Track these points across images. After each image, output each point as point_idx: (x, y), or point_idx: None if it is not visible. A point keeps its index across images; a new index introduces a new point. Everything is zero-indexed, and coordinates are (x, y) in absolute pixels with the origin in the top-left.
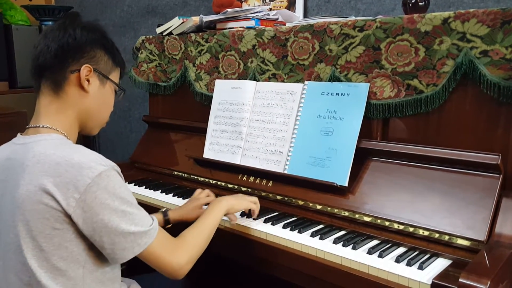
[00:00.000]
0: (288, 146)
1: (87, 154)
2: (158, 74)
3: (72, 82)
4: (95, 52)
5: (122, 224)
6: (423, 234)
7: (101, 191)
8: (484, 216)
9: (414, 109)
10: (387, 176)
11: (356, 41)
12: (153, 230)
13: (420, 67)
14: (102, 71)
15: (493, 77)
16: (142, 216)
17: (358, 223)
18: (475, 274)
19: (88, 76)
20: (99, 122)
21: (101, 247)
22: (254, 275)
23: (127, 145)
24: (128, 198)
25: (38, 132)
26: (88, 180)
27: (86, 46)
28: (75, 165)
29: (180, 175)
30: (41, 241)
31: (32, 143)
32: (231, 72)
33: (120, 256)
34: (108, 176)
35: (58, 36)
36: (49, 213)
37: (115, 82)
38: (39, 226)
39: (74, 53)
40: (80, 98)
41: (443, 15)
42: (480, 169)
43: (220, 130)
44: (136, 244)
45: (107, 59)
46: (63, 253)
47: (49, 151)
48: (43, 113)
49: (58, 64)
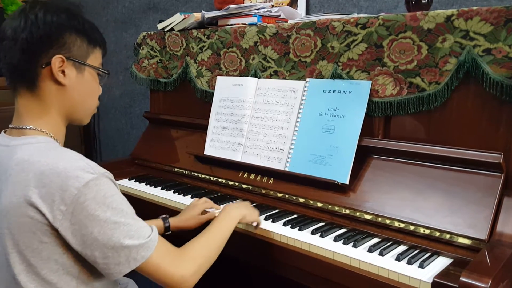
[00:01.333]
0: (289, 143)
1: (74, 160)
2: (159, 70)
3: (46, 77)
4: (65, 38)
5: (114, 237)
6: (424, 233)
7: (89, 202)
8: (485, 215)
9: (416, 107)
10: (388, 174)
11: (359, 38)
12: (151, 242)
13: (423, 65)
14: (76, 58)
15: (496, 75)
16: (138, 227)
17: (359, 221)
18: (476, 273)
19: (61, 67)
20: (86, 111)
21: (93, 262)
22: (254, 272)
23: (128, 141)
24: (121, 207)
25: (23, 134)
26: (75, 191)
27: (52, 34)
28: (61, 174)
29: (180, 172)
30: (29, 256)
31: (16, 147)
32: (233, 68)
33: (115, 271)
34: (97, 185)
35: (20, 25)
36: (35, 227)
37: (94, 67)
38: (25, 240)
39: (41, 44)
40: (58, 93)
41: (446, 13)
42: (482, 167)
43: (221, 127)
44: (131, 259)
45: (80, 43)
46: (53, 266)
47: (34, 158)
48: (25, 113)
49: (26, 60)
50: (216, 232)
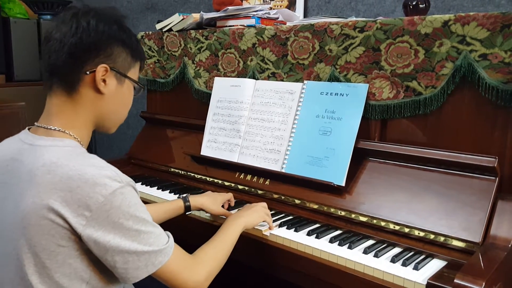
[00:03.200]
0: (286, 145)
1: (102, 168)
2: (156, 70)
3: (87, 83)
4: (112, 49)
5: (135, 244)
6: (419, 235)
7: (114, 210)
8: (480, 218)
9: (412, 110)
10: (384, 176)
11: (356, 41)
12: (168, 248)
13: (419, 69)
14: (119, 69)
15: (492, 80)
16: (157, 234)
17: (354, 223)
18: (470, 275)
19: (104, 76)
20: (116, 121)
21: (112, 267)
22: (249, 273)
23: (124, 141)
24: (143, 215)
25: (50, 135)
26: (101, 198)
27: (102, 43)
28: (88, 181)
29: (177, 172)
30: (44, 258)
31: (42, 148)
32: (231, 70)
33: (132, 275)
34: (123, 194)
35: (71, 30)
36: (55, 230)
37: (134, 80)
38: (43, 242)
39: (89, 52)
40: (95, 100)
41: (444, 18)
42: (477, 171)
43: (218, 127)
44: (150, 263)
45: (125, 56)
46: (66, 270)
47: (61, 162)
48: (55, 113)
49: (71, 64)
50: (224, 239)
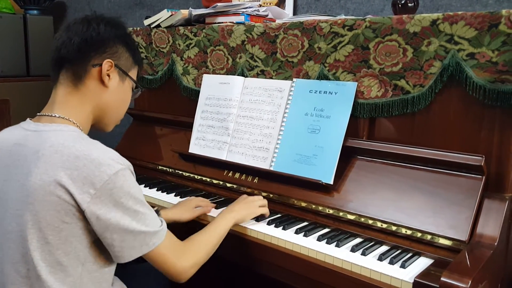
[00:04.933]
0: (275, 143)
1: (106, 151)
2: (144, 67)
3: (93, 76)
4: (118, 48)
5: (133, 223)
6: (406, 233)
7: (117, 189)
8: (466, 216)
9: (400, 109)
10: (372, 175)
11: (345, 40)
12: (162, 231)
13: (408, 68)
14: (122, 67)
15: (479, 79)
16: (153, 217)
17: (342, 221)
18: (457, 273)
19: (109, 71)
20: (115, 118)
21: (110, 245)
22: (239, 271)
23: (111, 137)
24: (141, 198)
25: (53, 122)
26: (106, 177)
27: (109, 41)
28: (94, 161)
29: (164, 169)
30: (48, 233)
31: (48, 132)
32: (220, 67)
33: (127, 254)
34: (124, 176)
35: (81, 29)
36: (61, 206)
37: (134, 80)
38: (48, 218)
39: (97, 47)
40: (99, 92)
41: (432, 17)
42: (464, 170)
43: (206, 125)
44: (144, 244)
45: (128, 56)
46: (68, 247)
47: (68, 143)
48: (59, 102)
49: (80, 57)
50: (215, 231)
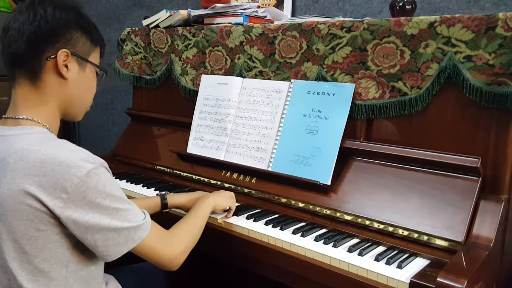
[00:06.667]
0: (273, 143)
1: (74, 151)
2: (143, 67)
3: (50, 70)
4: (71, 34)
5: (114, 221)
6: (403, 234)
7: (90, 190)
8: (462, 217)
9: (397, 111)
10: (369, 176)
11: (343, 41)
12: (146, 223)
13: (405, 70)
14: (80, 54)
15: (476, 82)
16: (134, 211)
17: (339, 222)
18: (453, 274)
19: (65, 61)
20: (82, 107)
21: (93, 246)
22: (236, 272)
23: (109, 138)
24: (118, 194)
25: (18, 124)
26: (77, 180)
27: (60, 29)
28: (62, 164)
29: (162, 169)
30: (24, 243)
31: (13, 137)
32: (218, 67)
33: (113, 252)
34: (97, 174)
35: (28, 18)
36: (33, 215)
37: (95, 64)
38: (21, 227)
39: (49, 38)
40: (59, 86)
41: (430, 19)
42: (460, 171)
43: (204, 125)
44: (130, 239)
45: (84, 40)
46: (46, 254)
47: (33, 147)
48: (22, 104)
49: (32, 52)
50: (197, 216)
